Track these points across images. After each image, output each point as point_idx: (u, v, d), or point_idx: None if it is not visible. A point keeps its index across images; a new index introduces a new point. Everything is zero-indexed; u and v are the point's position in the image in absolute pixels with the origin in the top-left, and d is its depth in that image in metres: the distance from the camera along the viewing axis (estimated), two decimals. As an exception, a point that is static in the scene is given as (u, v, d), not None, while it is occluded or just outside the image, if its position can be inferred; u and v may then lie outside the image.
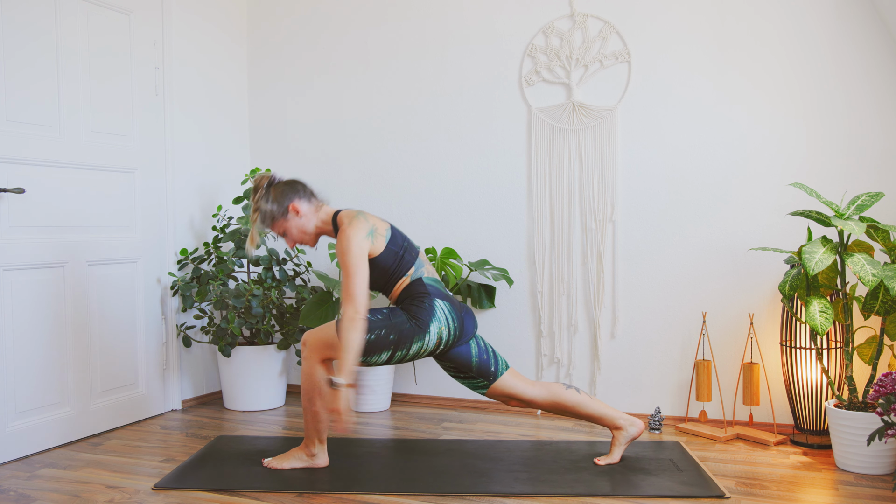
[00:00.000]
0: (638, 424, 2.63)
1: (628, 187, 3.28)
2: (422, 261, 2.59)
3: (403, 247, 2.56)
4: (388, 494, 2.35)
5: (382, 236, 2.52)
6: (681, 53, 3.18)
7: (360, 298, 2.36)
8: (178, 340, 3.51)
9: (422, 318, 2.46)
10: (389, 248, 2.52)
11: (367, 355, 2.45)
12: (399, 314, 2.49)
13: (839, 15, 2.97)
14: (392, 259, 2.52)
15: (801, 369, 2.85)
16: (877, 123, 2.94)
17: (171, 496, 2.36)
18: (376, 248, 2.50)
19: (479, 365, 2.59)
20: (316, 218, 2.60)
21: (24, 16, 2.80)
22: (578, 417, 2.65)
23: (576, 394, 2.62)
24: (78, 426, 3.00)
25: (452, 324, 2.50)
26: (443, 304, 2.50)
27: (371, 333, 2.43)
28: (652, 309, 3.25)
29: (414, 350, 2.48)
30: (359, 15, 3.75)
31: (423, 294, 2.50)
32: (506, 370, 2.62)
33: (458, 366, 2.60)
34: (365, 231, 2.46)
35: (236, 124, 3.92)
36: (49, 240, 2.90)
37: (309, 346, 2.50)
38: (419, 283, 2.52)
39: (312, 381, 2.49)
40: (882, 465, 2.52)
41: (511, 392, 2.61)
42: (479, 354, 2.59)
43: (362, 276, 2.39)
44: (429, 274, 2.56)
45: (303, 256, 3.86)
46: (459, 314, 2.54)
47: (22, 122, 2.80)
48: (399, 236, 2.57)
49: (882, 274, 2.47)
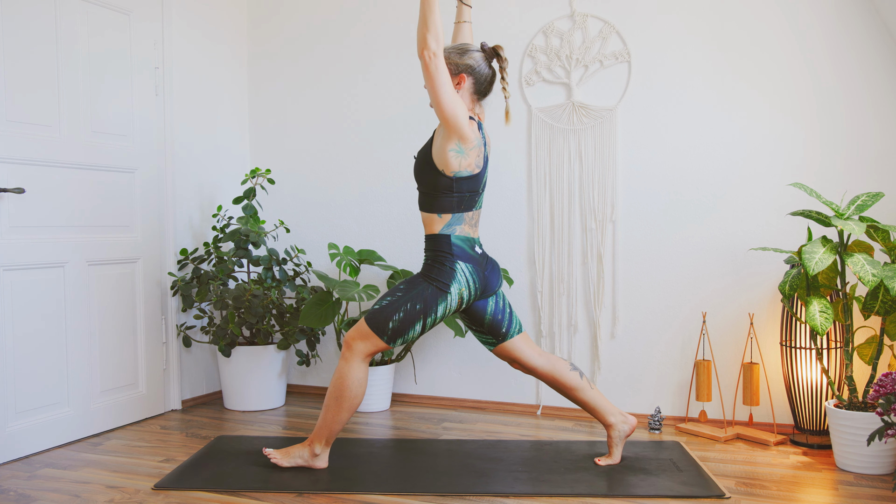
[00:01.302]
0: (630, 421, 2.64)
1: (628, 187, 3.28)
2: (465, 220, 2.52)
3: (473, 197, 2.51)
4: (388, 494, 2.35)
5: (474, 163, 2.47)
6: (681, 53, 3.18)
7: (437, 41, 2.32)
8: (178, 340, 3.51)
9: (442, 280, 2.46)
10: (466, 179, 2.46)
11: (403, 333, 2.47)
12: (417, 283, 2.49)
13: (838, 14, 2.97)
14: (458, 190, 2.47)
15: (801, 369, 2.85)
16: (876, 123, 2.94)
17: (171, 496, 2.36)
18: (463, 161, 2.45)
19: (491, 322, 2.60)
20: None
21: (24, 16, 2.80)
22: (572, 400, 2.66)
23: (577, 377, 2.64)
24: (78, 426, 3.00)
25: (473, 285, 2.50)
26: (464, 267, 2.48)
27: (399, 311, 2.45)
28: (652, 309, 3.25)
29: (440, 312, 2.48)
30: (359, 15, 3.75)
31: (446, 254, 2.48)
32: (518, 334, 2.64)
33: (472, 318, 2.62)
34: (473, 134, 2.43)
35: (236, 124, 3.92)
36: (49, 240, 2.90)
37: (351, 345, 2.50)
38: (447, 240, 2.49)
39: (346, 382, 2.49)
40: (882, 465, 2.52)
41: (516, 356, 2.64)
42: (495, 313, 2.60)
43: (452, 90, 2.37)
44: (460, 233, 2.51)
45: (303, 256, 3.86)
46: (482, 273, 2.53)
47: (22, 122, 2.80)
48: (479, 190, 2.53)
49: (882, 274, 2.47)
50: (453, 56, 2.49)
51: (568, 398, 2.67)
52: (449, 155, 2.42)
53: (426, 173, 2.49)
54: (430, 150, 2.49)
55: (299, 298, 3.52)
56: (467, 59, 2.49)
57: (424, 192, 2.53)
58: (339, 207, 3.82)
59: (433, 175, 2.47)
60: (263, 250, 3.83)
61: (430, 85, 2.34)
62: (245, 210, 3.53)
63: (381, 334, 2.47)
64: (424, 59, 2.31)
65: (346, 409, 2.50)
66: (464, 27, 2.71)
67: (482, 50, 2.54)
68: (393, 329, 2.46)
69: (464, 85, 2.49)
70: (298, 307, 3.49)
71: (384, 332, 2.47)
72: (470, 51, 2.51)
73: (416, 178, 2.56)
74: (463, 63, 2.49)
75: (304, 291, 3.48)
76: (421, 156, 2.53)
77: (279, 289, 3.46)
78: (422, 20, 2.31)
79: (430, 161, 2.47)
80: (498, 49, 2.55)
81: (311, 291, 3.53)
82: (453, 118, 2.37)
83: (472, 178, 2.48)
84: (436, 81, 2.33)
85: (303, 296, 3.48)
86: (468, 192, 2.49)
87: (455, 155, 2.43)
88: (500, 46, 2.55)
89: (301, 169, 3.89)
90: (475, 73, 2.50)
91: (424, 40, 2.31)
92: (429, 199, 2.51)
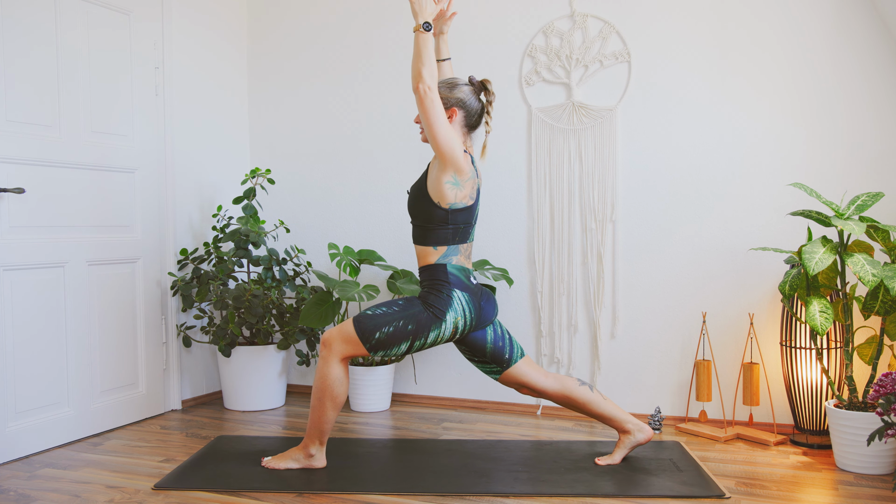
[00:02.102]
0: (646, 431, 2.63)
1: (628, 187, 3.28)
2: (460, 251, 2.54)
3: (467, 229, 2.53)
4: (388, 494, 2.35)
5: (468, 195, 2.48)
6: (681, 53, 3.18)
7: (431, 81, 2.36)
8: (178, 340, 3.51)
9: (439, 308, 2.46)
10: (461, 211, 2.48)
11: (387, 347, 2.46)
12: (415, 304, 2.49)
13: (838, 14, 2.97)
14: (453, 222, 2.49)
15: (801, 369, 2.85)
16: (876, 123, 2.94)
17: (171, 496, 2.36)
18: (459, 193, 2.46)
19: (493, 351, 2.59)
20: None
21: (23, 15, 2.80)
22: (587, 415, 2.66)
23: (588, 391, 2.63)
24: (78, 426, 3.00)
25: (469, 315, 2.50)
26: (461, 295, 2.48)
27: (389, 326, 2.44)
28: (652, 309, 3.25)
29: (431, 338, 2.48)
30: (359, 15, 3.75)
31: (443, 283, 2.48)
32: (521, 358, 2.63)
33: (473, 350, 2.61)
34: (468, 166, 2.45)
35: (236, 124, 3.92)
36: (49, 240, 2.90)
37: (330, 344, 2.49)
38: (443, 269, 2.49)
39: (327, 382, 2.49)
40: (882, 465, 2.52)
41: (523, 380, 2.63)
42: (495, 341, 2.59)
43: (445, 122, 2.39)
44: (456, 262, 2.52)
45: (303, 256, 3.86)
46: (478, 303, 2.53)
47: (22, 122, 2.80)
48: (472, 222, 2.54)
49: (882, 274, 2.47)
50: (443, 90, 2.51)
51: (584, 413, 2.66)
52: (445, 187, 2.43)
53: (421, 206, 2.50)
54: (424, 183, 2.50)
55: (299, 298, 3.53)
56: (457, 92, 2.52)
57: (420, 224, 2.53)
58: (339, 207, 3.82)
59: (429, 207, 2.47)
60: (263, 250, 3.82)
61: (425, 119, 2.36)
62: (245, 210, 3.53)
63: (365, 341, 2.46)
64: (419, 92, 2.34)
65: (332, 408, 2.51)
66: (444, 65, 2.72)
67: (471, 83, 2.57)
68: (378, 340, 2.45)
69: (455, 118, 2.51)
70: (298, 307, 3.50)
71: (368, 340, 2.46)
72: (459, 84, 2.54)
73: (410, 211, 2.57)
74: (453, 97, 2.51)
75: (304, 291, 3.49)
76: (415, 189, 2.54)
77: (279, 289, 3.46)
78: (416, 55, 2.34)
79: (426, 194, 2.48)
80: (486, 83, 2.58)
81: (311, 291, 3.53)
82: (450, 151, 2.39)
83: (466, 209, 2.49)
84: (430, 115, 2.35)
85: (303, 296, 3.48)
86: (462, 224, 2.50)
87: (451, 187, 2.44)
88: (487, 80, 2.58)
89: (301, 169, 3.89)
90: (465, 107, 2.52)
91: (420, 74, 2.33)
92: (424, 232, 2.52)
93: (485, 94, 2.58)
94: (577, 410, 2.65)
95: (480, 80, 2.58)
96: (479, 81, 2.58)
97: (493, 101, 2.61)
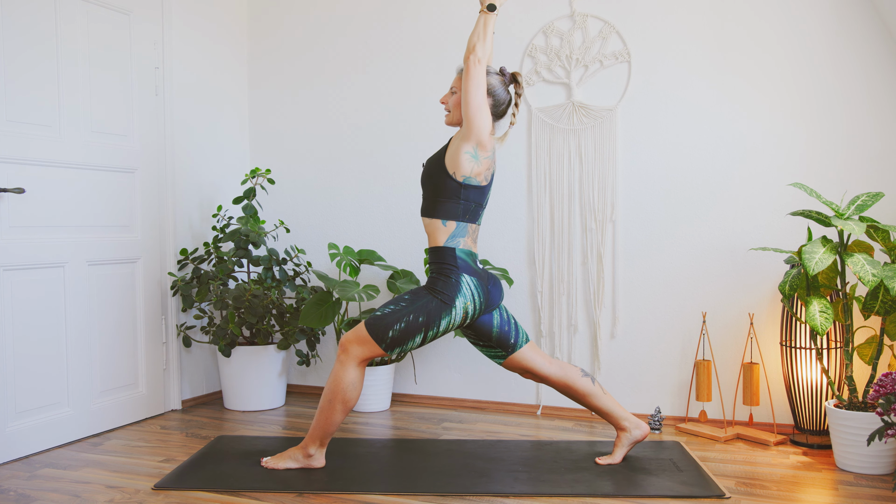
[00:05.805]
0: (643, 428, 2.64)
1: (628, 187, 3.28)
2: (468, 232, 2.54)
3: (477, 209, 2.54)
4: (388, 494, 2.35)
5: (483, 174, 2.50)
6: (681, 53, 3.18)
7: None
8: (178, 340, 3.51)
9: (448, 294, 2.46)
10: (473, 188, 2.49)
11: (402, 343, 2.47)
12: (422, 295, 2.49)
13: (838, 14, 2.97)
14: (465, 198, 2.50)
15: (801, 369, 2.85)
16: (876, 123, 2.94)
17: (171, 496, 2.36)
18: (475, 168, 2.48)
19: (499, 336, 2.60)
20: None
21: (23, 15, 2.80)
22: (585, 406, 2.66)
23: (590, 383, 2.64)
24: (78, 426, 3.00)
25: (478, 299, 2.51)
26: (470, 280, 2.49)
27: (401, 322, 2.45)
28: (652, 309, 3.25)
29: (444, 326, 2.48)
30: (358, 15, 3.75)
31: (451, 267, 2.49)
32: (525, 343, 2.64)
33: (479, 334, 2.62)
34: (491, 143, 2.48)
35: (236, 124, 3.92)
36: (49, 240, 2.90)
37: (347, 348, 2.50)
38: (452, 254, 2.49)
39: (341, 385, 2.49)
40: (882, 465, 2.52)
41: (527, 366, 2.64)
42: (501, 325, 2.60)
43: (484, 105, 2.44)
44: (464, 246, 2.52)
45: (303, 256, 3.86)
46: (486, 287, 2.53)
47: (22, 123, 2.80)
48: (483, 203, 2.56)
49: (882, 274, 2.47)
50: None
51: (582, 404, 2.67)
52: (463, 157, 2.45)
53: (435, 176, 2.51)
54: (443, 155, 2.52)
55: (299, 298, 3.53)
56: (489, 78, 2.54)
57: (430, 196, 2.53)
58: (339, 207, 3.82)
59: (442, 178, 2.48)
60: (263, 250, 3.82)
61: (466, 86, 2.41)
62: (245, 210, 3.53)
63: (380, 342, 2.47)
64: (469, 62, 2.40)
65: (340, 412, 2.51)
66: None
67: (501, 74, 2.59)
68: (392, 338, 2.46)
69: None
70: (298, 307, 3.50)
71: (383, 340, 2.47)
72: (491, 73, 2.56)
73: (423, 183, 2.57)
74: (486, 82, 2.52)
75: (304, 291, 3.49)
76: (432, 161, 2.56)
77: (279, 289, 3.46)
78: (478, 31, 2.41)
79: (442, 164, 2.49)
80: (517, 75, 2.60)
81: (311, 291, 3.53)
82: (479, 120, 2.43)
83: (478, 189, 2.50)
84: (472, 84, 2.41)
85: (303, 296, 3.48)
86: (474, 203, 2.51)
87: (469, 159, 2.45)
88: (518, 73, 2.61)
89: (301, 169, 3.89)
90: (494, 95, 2.55)
91: (474, 48, 2.41)
92: (433, 205, 2.52)
93: (515, 86, 2.61)
94: (576, 401, 2.66)
95: (512, 72, 2.60)
96: (511, 73, 2.60)
97: (522, 95, 2.62)
